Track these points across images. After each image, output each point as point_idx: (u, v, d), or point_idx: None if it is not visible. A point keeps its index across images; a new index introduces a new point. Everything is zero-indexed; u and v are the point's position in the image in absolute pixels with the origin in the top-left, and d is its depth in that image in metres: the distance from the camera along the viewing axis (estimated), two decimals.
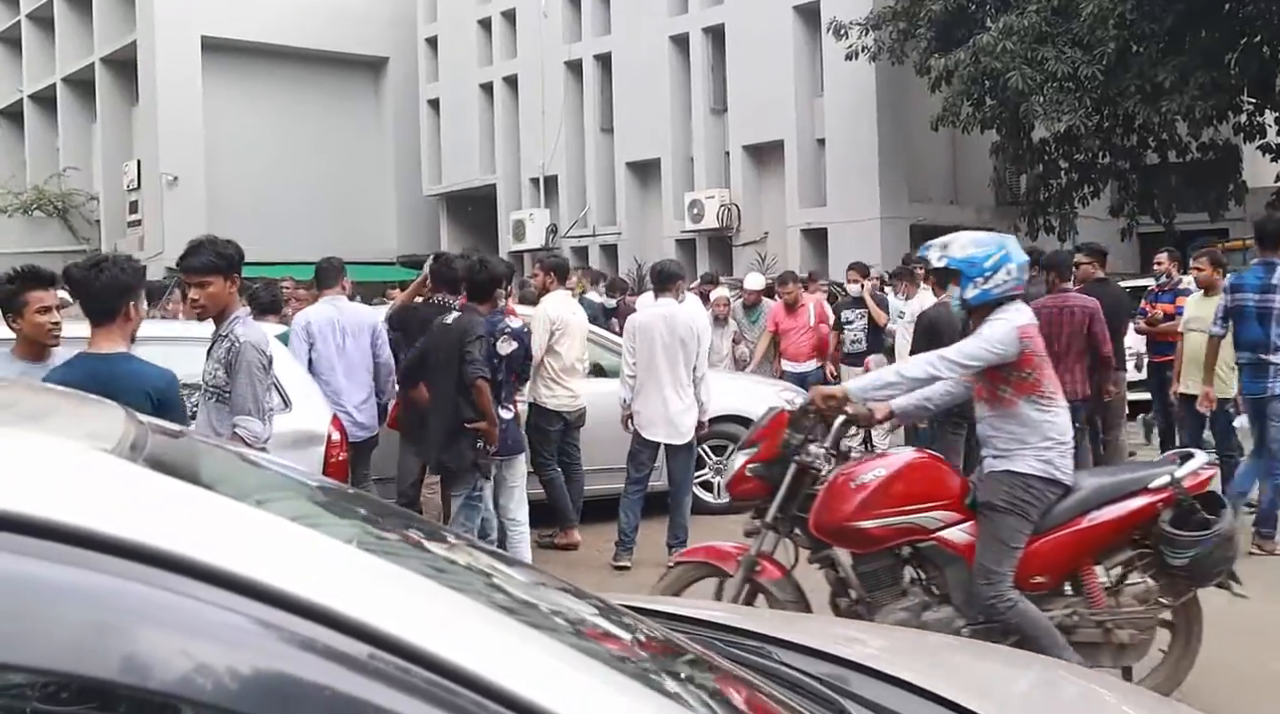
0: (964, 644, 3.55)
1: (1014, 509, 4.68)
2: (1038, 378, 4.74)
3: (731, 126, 23.54)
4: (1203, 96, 15.86)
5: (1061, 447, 4.74)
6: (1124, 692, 2.52)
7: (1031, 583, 4.72)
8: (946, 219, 21.96)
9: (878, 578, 4.86)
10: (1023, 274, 4.81)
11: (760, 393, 9.84)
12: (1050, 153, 18.58)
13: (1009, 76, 16.32)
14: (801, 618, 3.88)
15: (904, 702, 2.11)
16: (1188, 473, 4.74)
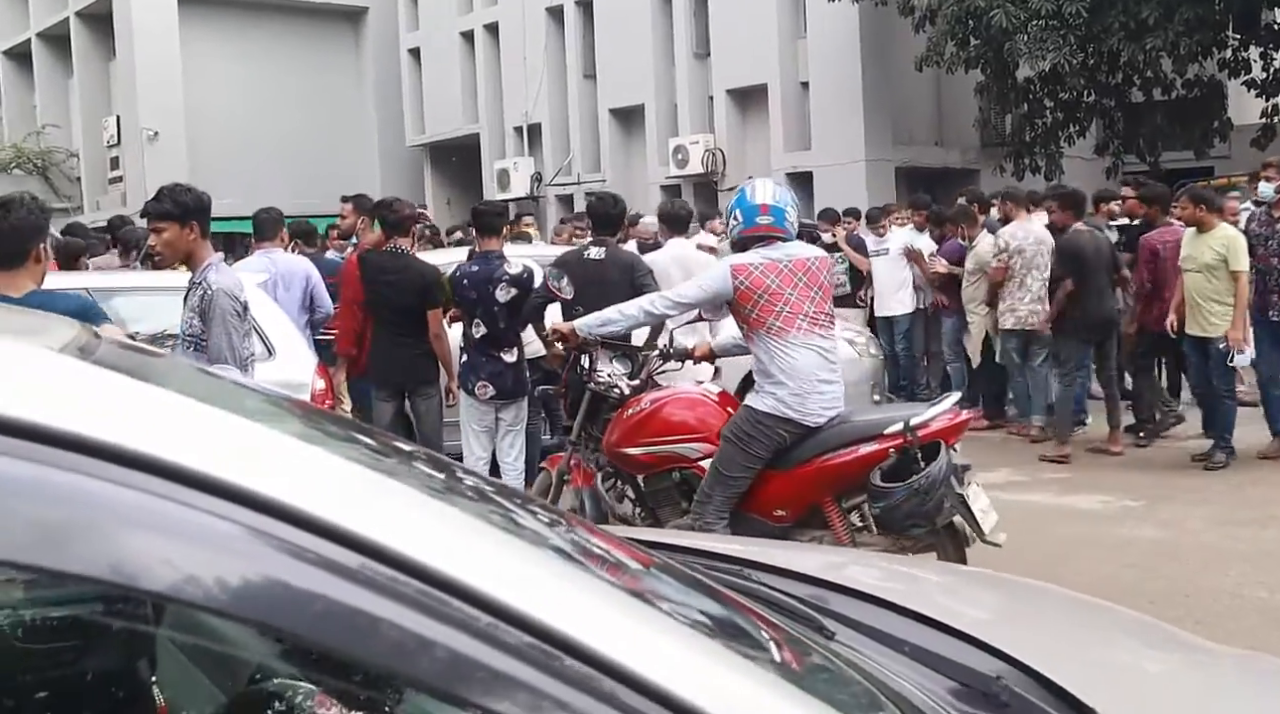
0: (937, 566, 3.62)
1: (737, 441, 5.04)
2: (762, 315, 4.98)
3: (715, 71, 23.34)
4: (1187, 32, 15.75)
5: (795, 385, 4.94)
6: (1098, 609, 2.53)
7: (774, 515, 5.12)
8: (931, 160, 21.90)
9: (658, 497, 5.46)
10: (756, 217, 5.12)
11: None
12: (1035, 92, 18.44)
13: (993, 15, 16.17)
14: (780, 544, 3.95)
15: (883, 618, 2.13)
16: (925, 420, 4.90)
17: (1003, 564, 4.96)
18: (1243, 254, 8.25)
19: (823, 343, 5.12)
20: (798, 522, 5.20)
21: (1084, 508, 7.55)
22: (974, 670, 1.86)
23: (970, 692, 1.81)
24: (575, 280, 7.25)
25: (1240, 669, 2.19)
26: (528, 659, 1.22)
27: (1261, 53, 17.91)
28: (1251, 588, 5.78)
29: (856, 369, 9.35)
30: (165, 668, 2.01)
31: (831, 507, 5.11)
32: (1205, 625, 5.24)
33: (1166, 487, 7.96)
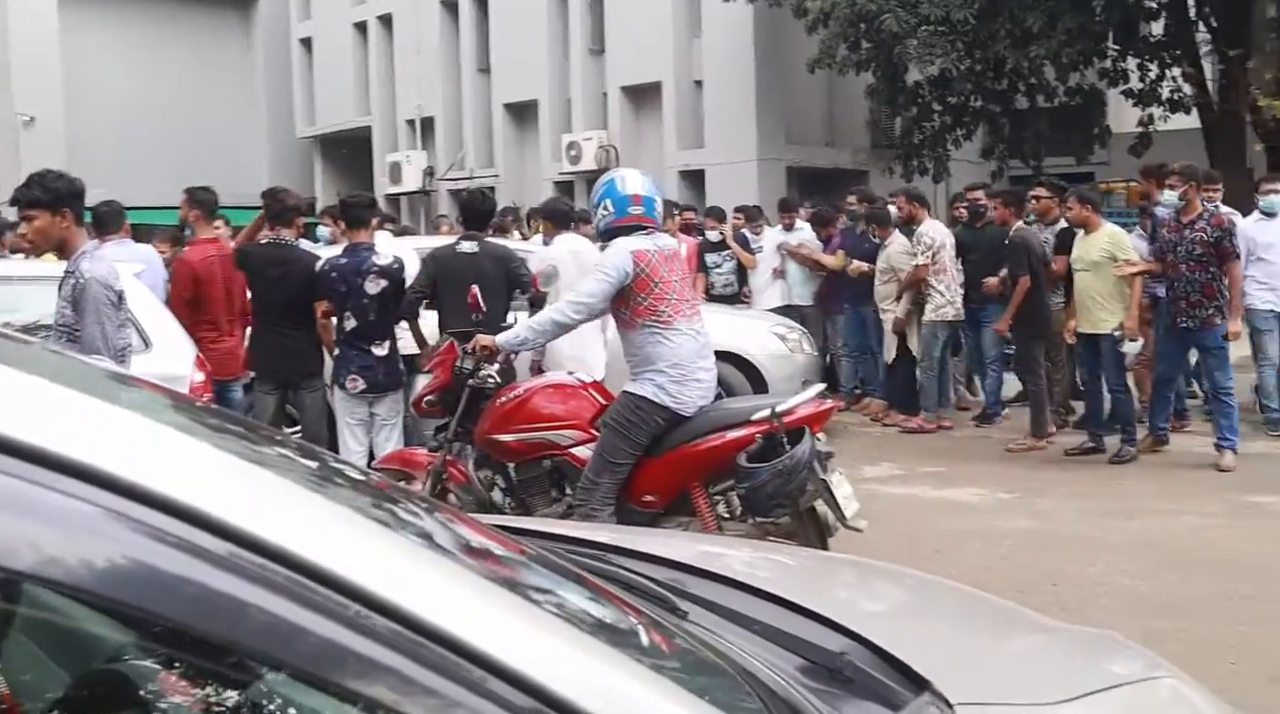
0: (795, 550, 3.67)
1: (619, 427, 5.08)
2: (653, 303, 5.03)
3: (609, 67, 23.36)
4: (1069, 42, 16.18)
5: (674, 373, 5.03)
6: (942, 587, 2.59)
7: (644, 500, 5.16)
8: (823, 161, 22.18)
9: (529, 485, 5.47)
10: (628, 208, 5.17)
11: (754, 329, 9.73)
12: (924, 96, 18.80)
13: (883, 19, 16.43)
14: (642, 531, 3.98)
15: (737, 600, 2.15)
16: (790, 407, 5.00)
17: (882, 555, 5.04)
18: (1128, 249, 8.54)
19: (700, 330, 5.22)
20: (667, 508, 5.24)
21: (961, 501, 7.69)
22: (821, 648, 1.88)
23: (816, 668, 1.84)
24: (447, 275, 7.18)
25: (1072, 643, 2.25)
26: (384, 642, 1.22)
27: (1139, 63, 18.47)
28: (1115, 575, 5.94)
29: (787, 365, 9.34)
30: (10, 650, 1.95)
31: (699, 492, 5.17)
32: (1070, 611, 5.35)
33: (1040, 480, 8.14)
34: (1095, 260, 8.53)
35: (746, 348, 9.36)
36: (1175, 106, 18.56)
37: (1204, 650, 4.87)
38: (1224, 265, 8.11)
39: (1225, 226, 8.13)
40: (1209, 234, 8.06)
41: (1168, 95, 18.57)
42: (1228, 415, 8.14)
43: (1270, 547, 6.38)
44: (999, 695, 1.81)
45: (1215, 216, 8.21)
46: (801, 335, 9.97)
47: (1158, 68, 18.46)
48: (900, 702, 1.72)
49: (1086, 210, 8.69)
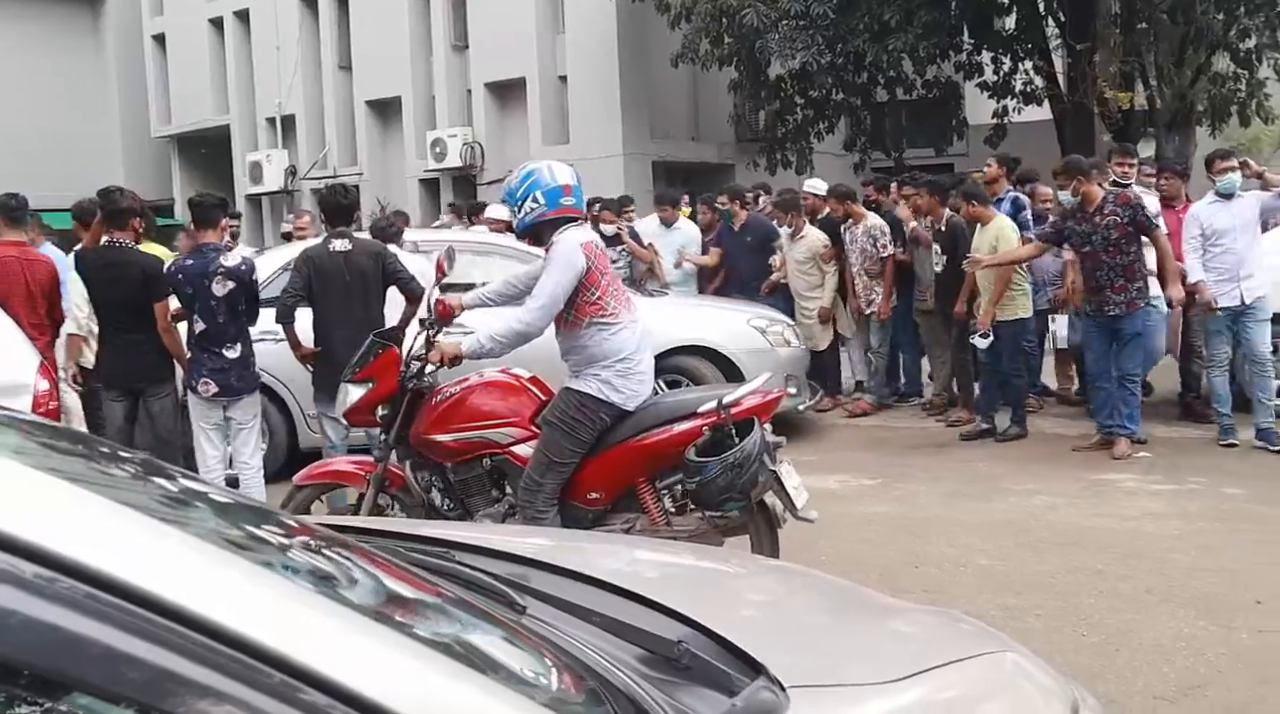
0: (647, 542, 3.66)
1: (563, 425, 4.97)
2: (600, 298, 4.95)
3: (473, 64, 23.15)
4: (925, 36, 16.47)
5: (620, 367, 4.96)
6: (783, 573, 2.59)
7: (589, 498, 5.07)
8: (688, 155, 22.29)
9: (468, 486, 5.32)
10: (560, 199, 5.01)
11: (729, 320, 9.32)
12: (786, 90, 18.98)
13: (744, 14, 16.56)
14: (501, 527, 3.94)
15: (579, 592, 2.14)
16: (737, 398, 4.93)
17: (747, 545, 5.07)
18: (1013, 240, 8.78)
19: (638, 318, 5.12)
20: (613, 505, 5.14)
21: (827, 488, 7.75)
22: (658, 636, 1.87)
23: (654, 656, 1.84)
24: (323, 275, 7.02)
25: (913, 622, 2.27)
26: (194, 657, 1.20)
27: (993, 57, 18.92)
28: (974, 556, 6.06)
29: (766, 360, 8.72)
30: None
31: (645, 487, 5.07)
32: (931, 593, 5.46)
33: (903, 465, 8.28)
34: (986, 253, 8.82)
35: (720, 341, 9.01)
36: (1028, 98, 19.07)
37: (1057, 624, 5.01)
38: (1146, 240, 8.07)
39: (1133, 202, 8.09)
40: (1121, 215, 8.00)
41: (1021, 88, 19.07)
42: (1129, 402, 8.23)
43: (1119, 523, 6.58)
44: (834, 676, 1.81)
45: (1121, 195, 8.17)
46: (785, 327, 9.54)
47: (1010, 61, 18.94)
48: (736, 687, 1.73)
49: (975, 206, 8.93)
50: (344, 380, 5.62)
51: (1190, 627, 4.91)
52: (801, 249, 10.50)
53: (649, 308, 8.69)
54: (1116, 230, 8.03)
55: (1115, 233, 8.03)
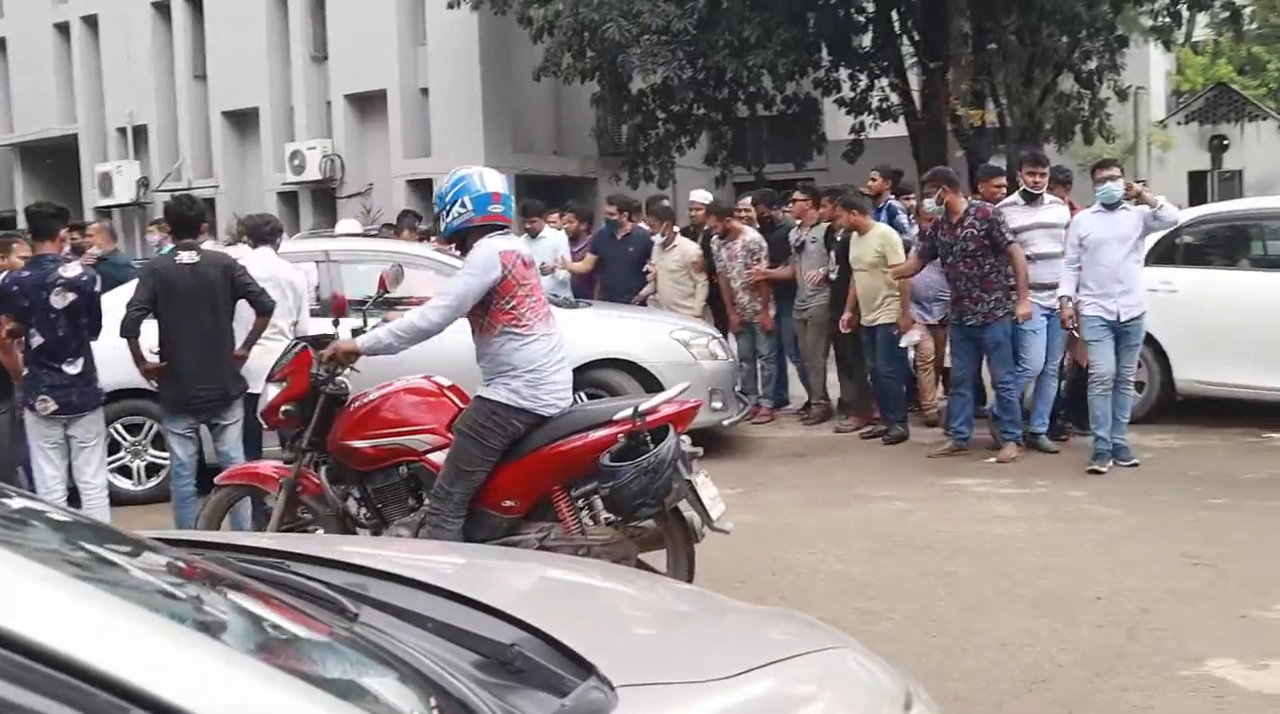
0: (492, 551, 3.64)
1: (473, 433, 4.94)
2: (516, 307, 4.94)
3: (333, 75, 22.81)
4: (784, 52, 16.74)
5: (530, 377, 4.94)
6: (622, 576, 2.60)
7: (503, 506, 5.03)
8: (551, 169, 22.26)
9: (384, 494, 5.26)
10: (488, 206, 5.02)
11: (650, 332, 9.09)
12: (648, 104, 19.07)
13: (606, 28, 16.60)
14: (339, 538, 3.87)
15: (415, 599, 2.11)
16: (653, 406, 4.96)
17: None
18: (899, 250, 8.98)
19: (554, 331, 5.10)
20: (528, 513, 5.09)
21: None
22: (492, 640, 1.86)
23: (487, 660, 1.83)
24: (169, 288, 6.77)
25: (751, 622, 2.28)
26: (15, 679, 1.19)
27: (850, 74, 19.35)
28: (831, 561, 6.14)
29: (690, 374, 8.30)
30: None
31: (561, 496, 5.03)
32: (788, 598, 5.50)
33: (763, 475, 8.35)
34: (871, 261, 9.01)
35: (641, 354, 8.75)
36: (884, 115, 19.54)
37: (909, 625, 5.11)
38: (1001, 255, 8.24)
39: (992, 217, 8.26)
40: (978, 228, 8.20)
41: (877, 104, 19.53)
42: (1008, 409, 8.41)
43: (970, 526, 6.74)
44: (665, 675, 1.81)
45: (980, 209, 8.35)
46: (712, 340, 9.28)
47: (867, 78, 19.38)
48: (567, 688, 1.73)
49: (854, 215, 9.10)
50: (266, 380, 5.65)
51: (1035, 624, 5.04)
52: (673, 258, 10.58)
53: (567, 320, 8.61)
54: (974, 242, 8.24)
55: (973, 245, 8.24)
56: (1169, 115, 31.37)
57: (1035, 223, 8.46)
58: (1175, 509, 6.93)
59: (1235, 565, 5.78)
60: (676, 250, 10.61)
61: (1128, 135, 19.97)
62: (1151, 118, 29.35)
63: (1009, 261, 8.24)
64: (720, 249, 10.51)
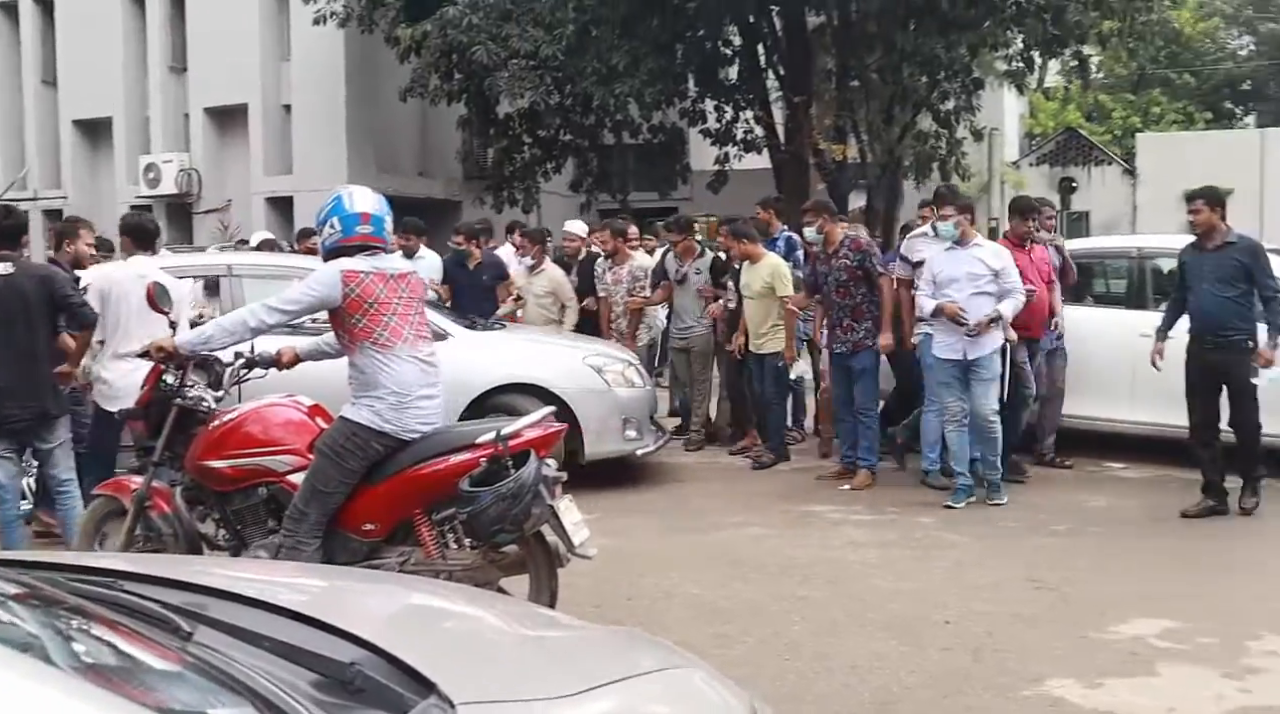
0: (339, 571, 3.57)
1: (333, 454, 4.86)
2: (370, 326, 4.87)
3: (192, 87, 22.32)
4: (651, 81, 16.90)
5: (394, 400, 4.87)
6: (466, 596, 2.57)
7: (363, 530, 4.95)
8: (416, 190, 22.06)
9: (243, 516, 5.14)
10: (356, 227, 4.97)
11: (562, 357, 8.73)
12: (515, 128, 19.11)
13: (474, 51, 16.59)
14: (181, 558, 3.76)
15: (254, 618, 2.05)
16: (516, 430, 4.89)
17: None
18: (787, 281, 9.03)
19: (425, 356, 4.99)
20: (389, 537, 4.98)
21: None
22: (331, 659, 1.82)
23: (326, 680, 1.79)
24: None
25: (595, 642, 2.27)
26: None
27: (716, 105, 19.62)
28: (687, 586, 6.15)
29: (603, 402, 8.33)
30: None
31: (422, 519, 4.93)
32: (644, 623, 5.47)
33: (620, 500, 8.32)
34: (759, 289, 9.07)
35: (550, 379, 8.33)
36: (749, 147, 19.84)
37: (763, 649, 5.14)
38: (873, 286, 8.43)
39: (864, 248, 8.48)
40: (852, 259, 8.40)
41: (742, 136, 19.83)
42: (867, 436, 8.53)
43: (822, 552, 6.82)
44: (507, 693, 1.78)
45: (854, 241, 8.54)
46: (628, 366, 8.88)
47: (733, 110, 19.67)
48: (407, 706, 1.71)
49: (745, 244, 9.17)
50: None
51: (885, 647, 5.12)
52: (541, 283, 10.54)
53: (474, 342, 8.40)
54: (846, 273, 8.43)
55: (845, 275, 8.44)
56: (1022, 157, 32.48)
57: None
58: (1021, 536, 7.13)
59: (1076, 589, 5.97)
60: (544, 275, 10.58)
61: (983, 174, 20.64)
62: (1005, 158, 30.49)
63: (880, 293, 8.44)
64: (606, 273, 10.51)
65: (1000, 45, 19.57)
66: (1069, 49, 19.53)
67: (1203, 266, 7.46)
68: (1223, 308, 7.30)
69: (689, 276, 10.07)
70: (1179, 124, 37.85)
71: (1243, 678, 4.75)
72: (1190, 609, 5.60)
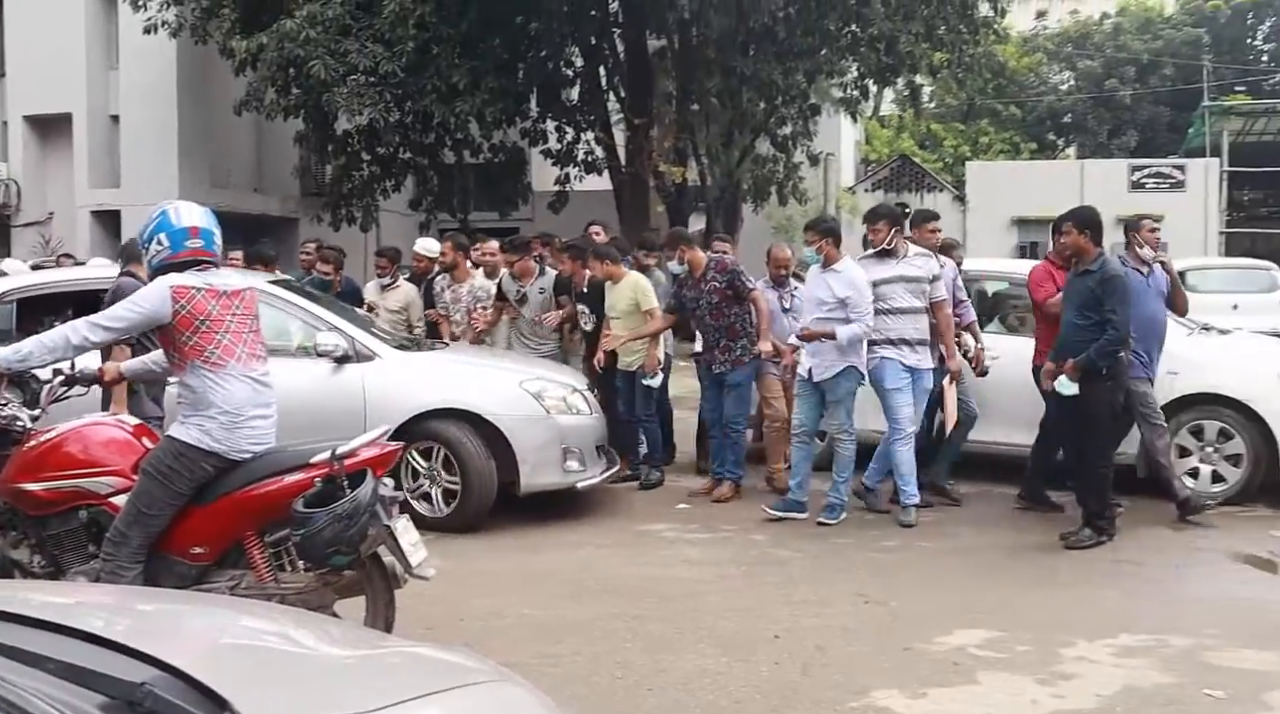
0: (143, 591, 3.45)
1: (160, 475, 4.71)
2: (202, 344, 4.73)
3: (11, 94, 21.43)
4: (492, 101, 16.84)
5: (225, 420, 4.74)
6: (270, 612, 2.50)
7: (192, 553, 4.79)
8: (250, 206, 21.57)
9: (61, 541, 4.91)
10: (185, 242, 4.83)
11: (496, 381, 8.07)
12: (353, 145, 18.77)
13: (312, 65, 16.27)
14: None
15: (35, 639, 1.95)
16: (352, 449, 4.79)
17: None
18: (650, 296, 9.08)
19: (259, 375, 4.84)
20: (219, 560, 4.80)
21: None
22: (121, 680, 1.74)
23: (114, 702, 1.71)
24: None
25: (406, 658, 2.23)
26: None
27: (557, 126, 19.67)
28: (519, 606, 6.09)
29: (540, 430, 7.82)
30: None
31: (253, 542, 4.76)
32: (475, 643, 5.38)
33: None
34: (625, 309, 9.05)
35: (483, 405, 7.75)
36: (589, 168, 19.96)
37: (594, 667, 5.12)
38: (744, 303, 8.53)
39: (731, 268, 8.60)
40: (720, 281, 8.54)
41: (583, 157, 19.93)
42: (734, 450, 8.67)
43: (657, 570, 6.84)
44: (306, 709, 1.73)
45: (720, 263, 8.67)
46: (572, 392, 8.26)
47: (574, 131, 19.76)
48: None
49: (608, 265, 9.15)
50: None
51: (715, 663, 5.15)
52: (395, 298, 10.35)
53: (402, 364, 7.92)
54: (718, 295, 8.58)
55: (716, 297, 8.58)
56: (858, 182, 33.43)
57: (896, 276, 8.00)
58: (851, 551, 7.26)
59: (902, 603, 6.10)
60: (400, 291, 10.39)
61: (819, 199, 21.10)
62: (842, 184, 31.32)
63: (753, 308, 8.56)
64: (445, 291, 10.14)
65: (836, 73, 20.14)
66: (902, 78, 20.13)
67: (1068, 291, 7.43)
68: (1077, 335, 7.20)
69: (530, 296, 10.00)
70: (1006, 153, 39.47)
71: (1056, 683, 4.92)
72: (1008, 620, 5.78)
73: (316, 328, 7.83)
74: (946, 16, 18.59)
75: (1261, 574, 6.86)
